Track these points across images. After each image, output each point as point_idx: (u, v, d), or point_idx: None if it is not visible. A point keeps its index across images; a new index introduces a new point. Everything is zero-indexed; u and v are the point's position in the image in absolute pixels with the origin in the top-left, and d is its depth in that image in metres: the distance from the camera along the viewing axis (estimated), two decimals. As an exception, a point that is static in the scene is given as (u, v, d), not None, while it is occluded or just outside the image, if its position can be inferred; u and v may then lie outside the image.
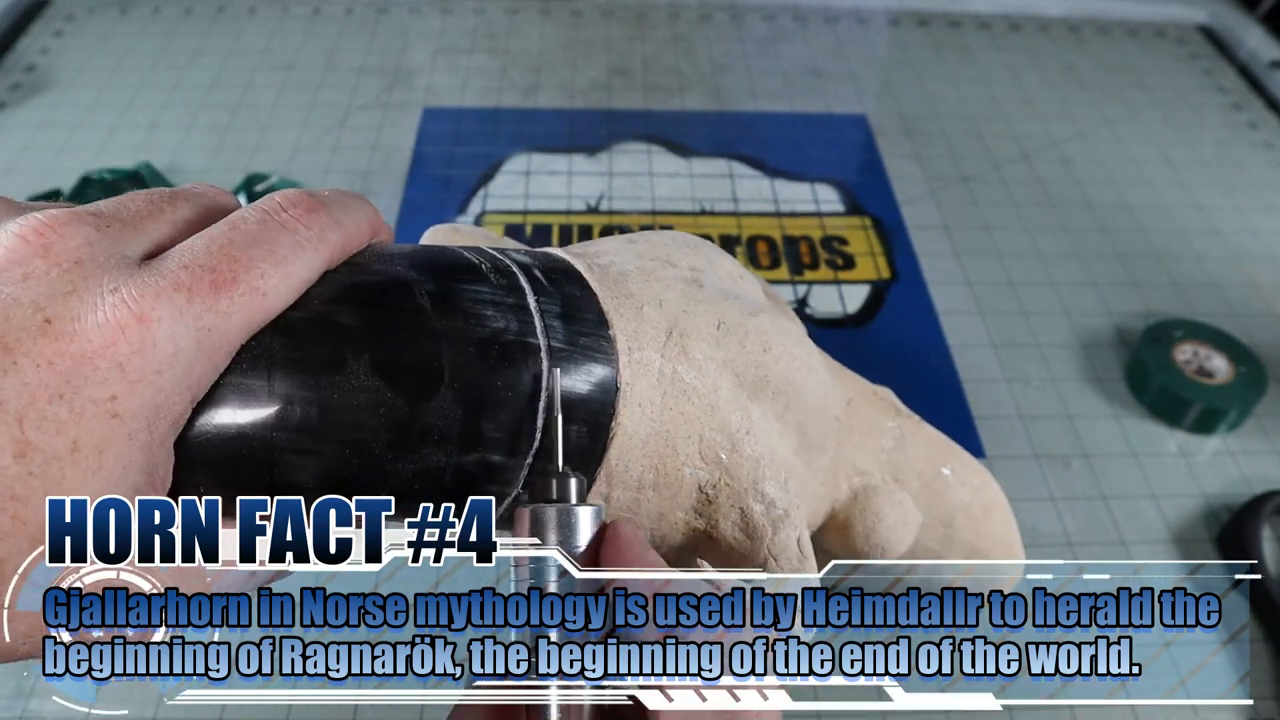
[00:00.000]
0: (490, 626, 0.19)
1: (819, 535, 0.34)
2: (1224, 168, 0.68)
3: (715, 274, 0.29)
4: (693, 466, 0.26)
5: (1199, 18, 0.85)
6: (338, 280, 0.22)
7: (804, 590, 0.21)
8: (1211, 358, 0.51)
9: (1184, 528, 0.46)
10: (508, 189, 0.63)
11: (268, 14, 0.79)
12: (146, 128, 0.66)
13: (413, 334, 0.22)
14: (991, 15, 0.83)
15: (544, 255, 0.27)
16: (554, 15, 0.81)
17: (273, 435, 0.20)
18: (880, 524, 0.32)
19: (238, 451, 0.20)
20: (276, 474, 0.21)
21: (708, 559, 0.27)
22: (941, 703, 0.23)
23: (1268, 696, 0.40)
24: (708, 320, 0.27)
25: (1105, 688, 0.40)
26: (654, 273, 0.27)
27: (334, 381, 0.21)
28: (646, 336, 0.26)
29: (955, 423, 0.50)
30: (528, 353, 0.23)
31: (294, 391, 0.20)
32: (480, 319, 0.23)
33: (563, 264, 0.26)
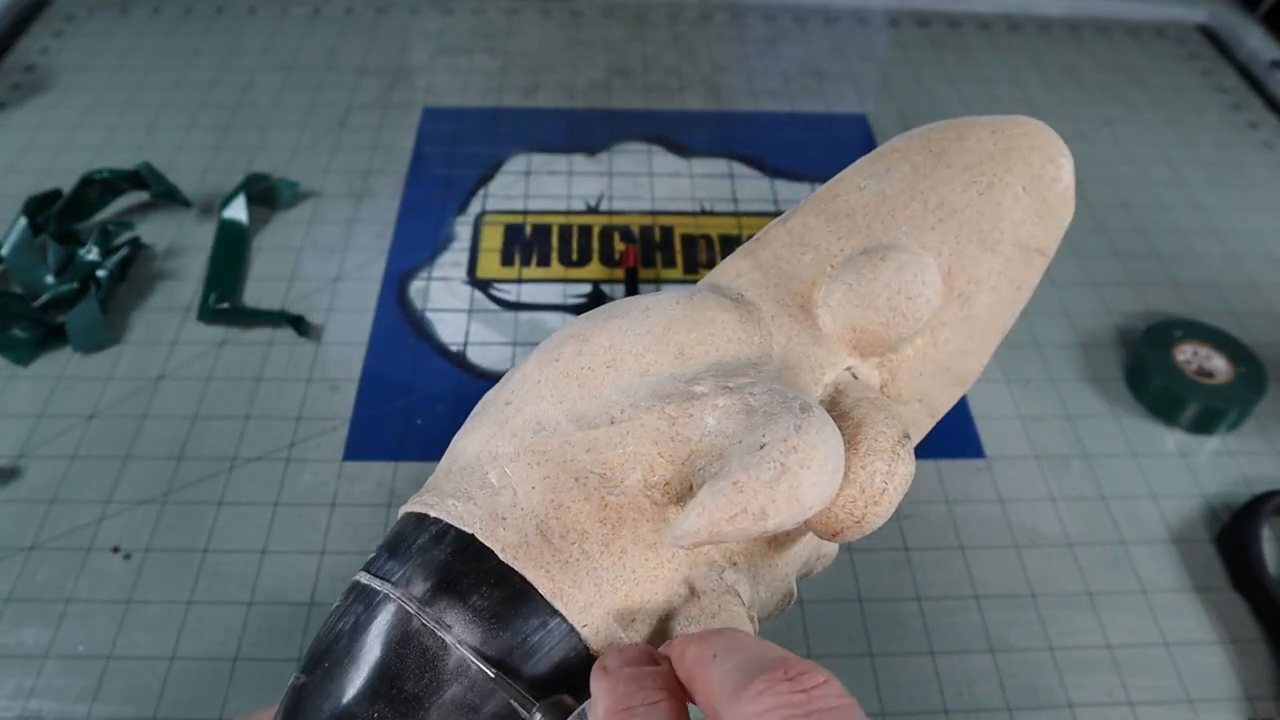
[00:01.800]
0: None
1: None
2: (1224, 168, 0.68)
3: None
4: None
5: (1199, 18, 0.85)
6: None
7: None
8: (1211, 358, 0.51)
9: (1184, 528, 0.46)
10: (508, 189, 0.63)
11: (268, 14, 0.79)
12: (146, 128, 0.66)
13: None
14: (991, 15, 0.83)
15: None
16: (554, 15, 0.81)
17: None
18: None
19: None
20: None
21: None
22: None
23: (1267, 696, 0.40)
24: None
25: (1105, 688, 0.40)
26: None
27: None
28: (589, 591, 0.24)
29: (955, 423, 0.50)
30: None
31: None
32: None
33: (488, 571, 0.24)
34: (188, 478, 0.46)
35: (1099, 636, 0.42)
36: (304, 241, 0.59)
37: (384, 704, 0.22)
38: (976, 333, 0.29)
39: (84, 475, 0.46)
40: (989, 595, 0.43)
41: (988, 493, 0.47)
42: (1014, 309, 0.29)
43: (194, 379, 0.50)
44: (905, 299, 0.27)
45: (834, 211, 0.30)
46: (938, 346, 0.29)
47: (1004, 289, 0.29)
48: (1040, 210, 0.28)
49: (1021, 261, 0.29)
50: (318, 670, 0.23)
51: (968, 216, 0.28)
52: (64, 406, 0.49)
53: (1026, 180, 0.28)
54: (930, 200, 0.29)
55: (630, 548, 0.24)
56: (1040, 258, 0.29)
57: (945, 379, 0.29)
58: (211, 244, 0.57)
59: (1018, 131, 0.28)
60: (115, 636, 0.40)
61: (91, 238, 0.56)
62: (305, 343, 0.53)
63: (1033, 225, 0.28)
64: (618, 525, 0.24)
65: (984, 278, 0.28)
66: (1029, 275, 0.29)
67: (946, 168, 0.29)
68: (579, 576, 0.23)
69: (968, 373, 0.30)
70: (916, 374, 0.29)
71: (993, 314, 0.29)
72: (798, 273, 0.29)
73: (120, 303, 0.54)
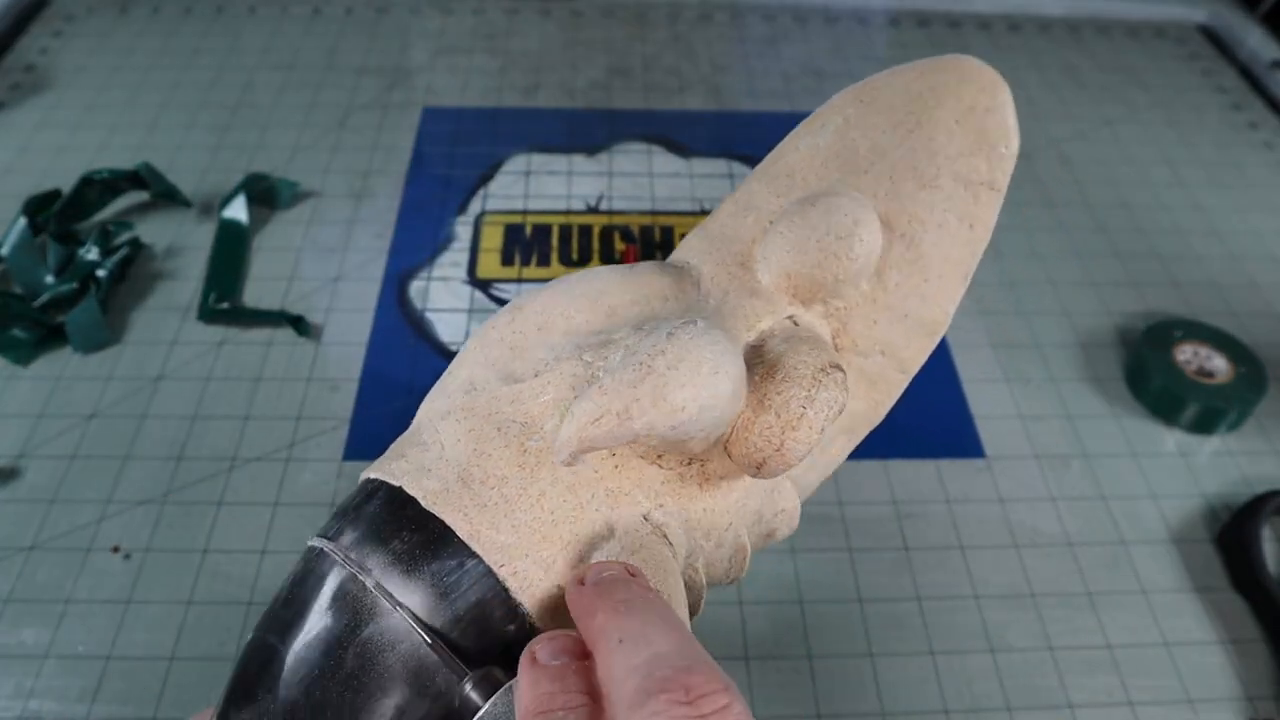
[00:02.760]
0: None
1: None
2: (1224, 168, 0.68)
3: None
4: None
5: (1199, 18, 0.85)
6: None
7: None
8: (1211, 358, 0.51)
9: (1184, 528, 0.46)
10: (508, 189, 0.63)
11: (268, 14, 0.79)
12: (146, 128, 0.66)
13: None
14: (991, 15, 0.83)
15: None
16: (554, 15, 0.81)
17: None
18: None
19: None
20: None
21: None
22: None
23: (1267, 696, 0.40)
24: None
25: (1105, 688, 0.40)
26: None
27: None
28: (506, 531, 0.24)
29: (955, 423, 0.50)
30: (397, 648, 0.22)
31: None
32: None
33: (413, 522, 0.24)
34: (187, 478, 0.46)
35: (1099, 636, 0.42)
36: (304, 241, 0.59)
37: (310, 647, 0.22)
38: (931, 275, 0.28)
39: (84, 475, 0.46)
40: (989, 595, 0.43)
41: (988, 493, 0.47)
42: (972, 248, 0.29)
43: (194, 379, 0.50)
44: (835, 239, 0.27)
45: (774, 174, 0.30)
46: (887, 291, 0.28)
47: (952, 226, 0.28)
48: (977, 143, 0.28)
49: (968, 197, 0.28)
50: (262, 623, 0.24)
51: (900, 156, 0.28)
52: (64, 406, 0.49)
53: (958, 114, 0.28)
54: (862, 147, 0.29)
55: (549, 490, 0.24)
56: (989, 191, 0.28)
57: (906, 327, 0.29)
58: (211, 244, 0.57)
59: (945, 68, 0.28)
60: (115, 636, 0.40)
61: (91, 238, 0.56)
62: (305, 343, 0.53)
63: (972, 158, 0.28)
64: (536, 469, 0.24)
65: (926, 216, 0.28)
66: (981, 211, 0.28)
67: (876, 114, 0.29)
68: (497, 519, 0.24)
69: (931, 321, 0.29)
70: (870, 322, 0.29)
71: (945, 254, 0.28)
72: (739, 235, 0.29)
73: (120, 303, 0.54)
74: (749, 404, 0.24)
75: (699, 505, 0.26)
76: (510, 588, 0.23)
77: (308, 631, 0.23)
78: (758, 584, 0.43)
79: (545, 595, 0.24)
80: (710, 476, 0.26)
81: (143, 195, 0.61)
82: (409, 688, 0.22)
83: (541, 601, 0.24)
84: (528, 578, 0.23)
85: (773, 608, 0.42)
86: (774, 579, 0.43)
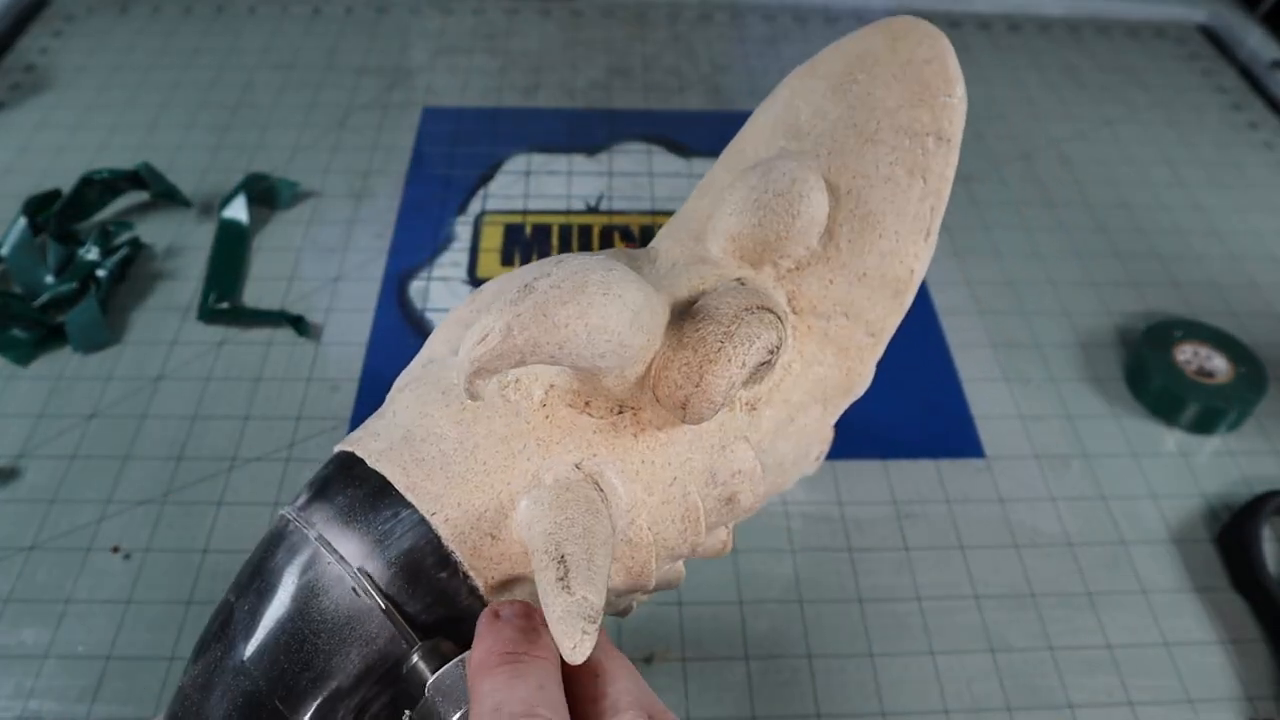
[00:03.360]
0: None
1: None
2: (1224, 168, 0.68)
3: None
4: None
5: (1199, 18, 0.85)
6: None
7: None
8: (1211, 358, 0.51)
9: (1184, 528, 0.46)
10: (508, 189, 0.63)
11: (268, 14, 0.79)
12: (146, 128, 0.66)
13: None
14: (991, 15, 0.83)
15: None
16: (554, 15, 0.81)
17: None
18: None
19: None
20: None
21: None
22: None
23: (1267, 696, 0.40)
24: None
25: (1105, 688, 0.40)
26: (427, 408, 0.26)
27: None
28: (439, 484, 0.25)
29: (955, 423, 0.50)
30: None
31: None
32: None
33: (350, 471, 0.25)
34: (187, 478, 0.46)
35: (1099, 636, 0.42)
36: (304, 241, 0.59)
37: (258, 596, 0.24)
38: (885, 230, 0.28)
39: (84, 475, 0.46)
40: (989, 595, 0.43)
41: (988, 493, 0.47)
42: (927, 201, 0.28)
43: (194, 379, 0.50)
44: (773, 195, 0.27)
45: (731, 154, 0.31)
46: (840, 250, 0.28)
47: (901, 180, 0.28)
48: (919, 94, 0.28)
49: (914, 149, 0.28)
50: (230, 586, 0.25)
51: (840, 114, 0.28)
52: (64, 406, 0.49)
53: (895, 68, 0.28)
54: (804, 113, 0.29)
55: (483, 442, 0.25)
56: (938, 141, 0.28)
57: (867, 287, 0.28)
58: (211, 244, 0.57)
59: (882, 28, 0.29)
60: (115, 636, 0.40)
61: (91, 238, 0.56)
62: (305, 343, 0.53)
63: (914, 110, 0.28)
64: (472, 424, 0.25)
65: (871, 171, 0.28)
66: (932, 162, 0.28)
67: (818, 80, 0.29)
68: (432, 471, 0.24)
69: (895, 278, 0.29)
70: (825, 283, 0.28)
71: (898, 208, 0.28)
72: (697, 214, 0.30)
73: (120, 303, 0.54)
74: (670, 344, 0.24)
75: (635, 456, 0.25)
76: (442, 535, 0.24)
77: (257, 585, 0.24)
78: (758, 584, 0.43)
79: (477, 543, 0.24)
80: (645, 426, 0.25)
81: (143, 195, 0.61)
82: (343, 632, 0.23)
83: (474, 550, 0.24)
84: (459, 526, 0.24)
85: (773, 607, 0.42)
86: (774, 579, 0.43)
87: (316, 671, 0.23)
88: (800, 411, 0.29)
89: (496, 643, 0.21)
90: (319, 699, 0.23)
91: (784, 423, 0.28)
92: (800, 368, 0.28)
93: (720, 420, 0.26)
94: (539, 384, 0.25)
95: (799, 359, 0.28)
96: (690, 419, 0.24)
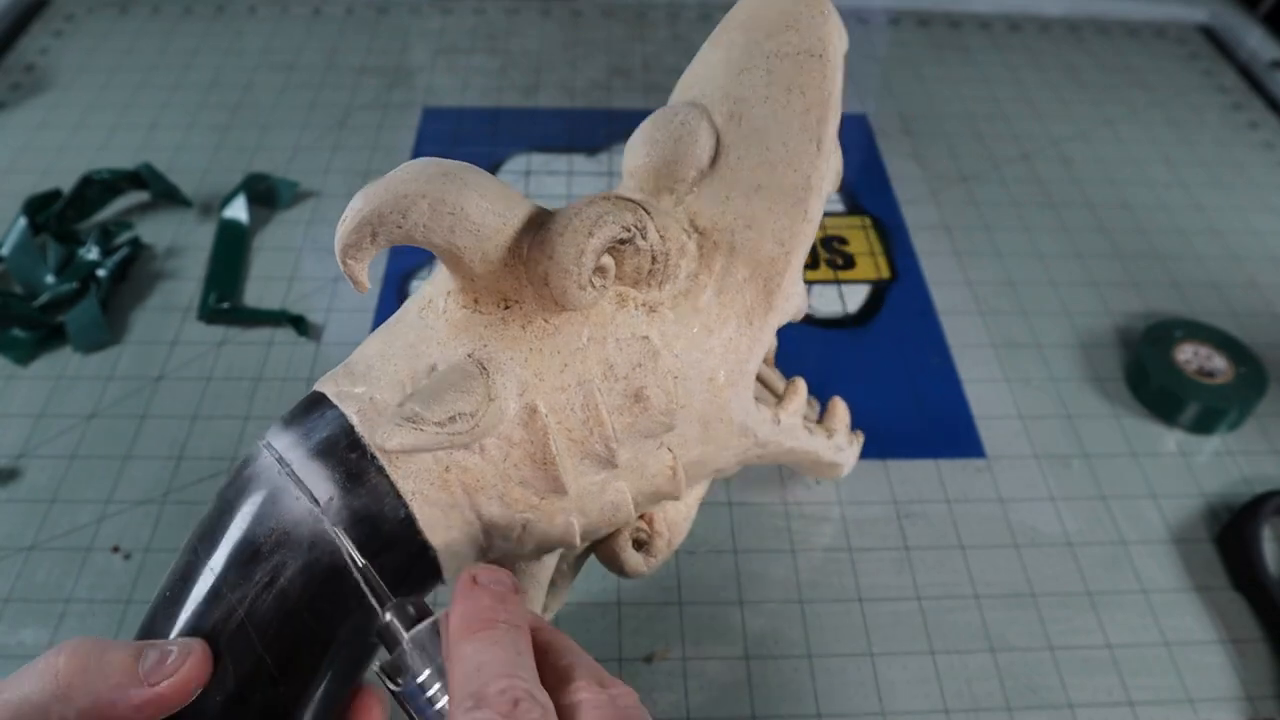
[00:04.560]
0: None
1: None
2: (1224, 168, 0.68)
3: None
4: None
5: (1199, 18, 0.85)
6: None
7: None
8: (1211, 358, 0.51)
9: (1184, 528, 0.46)
10: (508, 189, 0.63)
11: (268, 14, 0.79)
12: (146, 128, 0.66)
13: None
14: (991, 15, 0.83)
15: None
16: (554, 15, 0.81)
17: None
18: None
19: None
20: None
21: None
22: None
23: (1267, 696, 0.40)
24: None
25: (1105, 688, 0.40)
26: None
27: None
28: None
29: (955, 423, 0.50)
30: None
31: None
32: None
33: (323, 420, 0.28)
34: (188, 478, 0.46)
35: (1099, 636, 0.42)
36: (304, 241, 0.59)
37: (214, 507, 0.27)
38: (771, 144, 0.30)
39: (84, 475, 0.46)
40: (989, 595, 0.43)
41: (988, 493, 0.47)
42: (812, 113, 0.30)
43: (194, 379, 0.50)
44: (653, 127, 0.31)
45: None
46: (732, 168, 0.30)
47: (779, 97, 0.30)
48: (783, 18, 0.30)
49: (789, 68, 0.30)
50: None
51: (716, 58, 0.31)
52: (64, 406, 0.49)
53: (771, 13, 0.31)
54: (695, 69, 0.32)
55: (398, 351, 0.28)
56: (812, 59, 0.30)
57: (766, 198, 0.30)
58: (211, 244, 0.57)
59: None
60: (115, 636, 0.40)
61: (91, 237, 0.56)
62: (305, 343, 0.53)
63: (784, 34, 0.30)
64: (391, 340, 0.29)
65: (749, 94, 0.30)
66: (806, 77, 0.30)
67: (708, 46, 0.32)
68: (356, 381, 0.28)
69: (791, 186, 0.30)
70: (722, 198, 0.30)
71: (782, 121, 0.30)
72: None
73: (120, 302, 0.54)
74: (537, 236, 0.27)
75: (523, 345, 0.28)
76: (354, 423, 0.27)
77: (217, 502, 0.28)
78: (758, 584, 0.43)
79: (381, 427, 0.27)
80: (531, 318, 0.28)
81: (143, 195, 0.61)
82: (268, 505, 0.26)
83: (391, 458, 0.27)
84: (368, 414, 0.27)
85: (773, 607, 0.42)
86: (774, 579, 0.43)
87: (228, 513, 0.27)
88: (718, 323, 0.30)
89: (476, 608, 0.23)
90: (231, 545, 0.26)
91: (699, 333, 0.30)
92: (710, 280, 0.30)
93: (612, 316, 0.28)
94: (442, 296, 0.28)
95: (707, 272, 0.30)
96: (558, 296, 0.26)
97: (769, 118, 0.30)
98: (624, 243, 0.27)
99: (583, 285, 0.26)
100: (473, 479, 0.27)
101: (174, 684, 0.23)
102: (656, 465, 0.31)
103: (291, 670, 0.25)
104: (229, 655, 0.25)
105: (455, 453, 0.27)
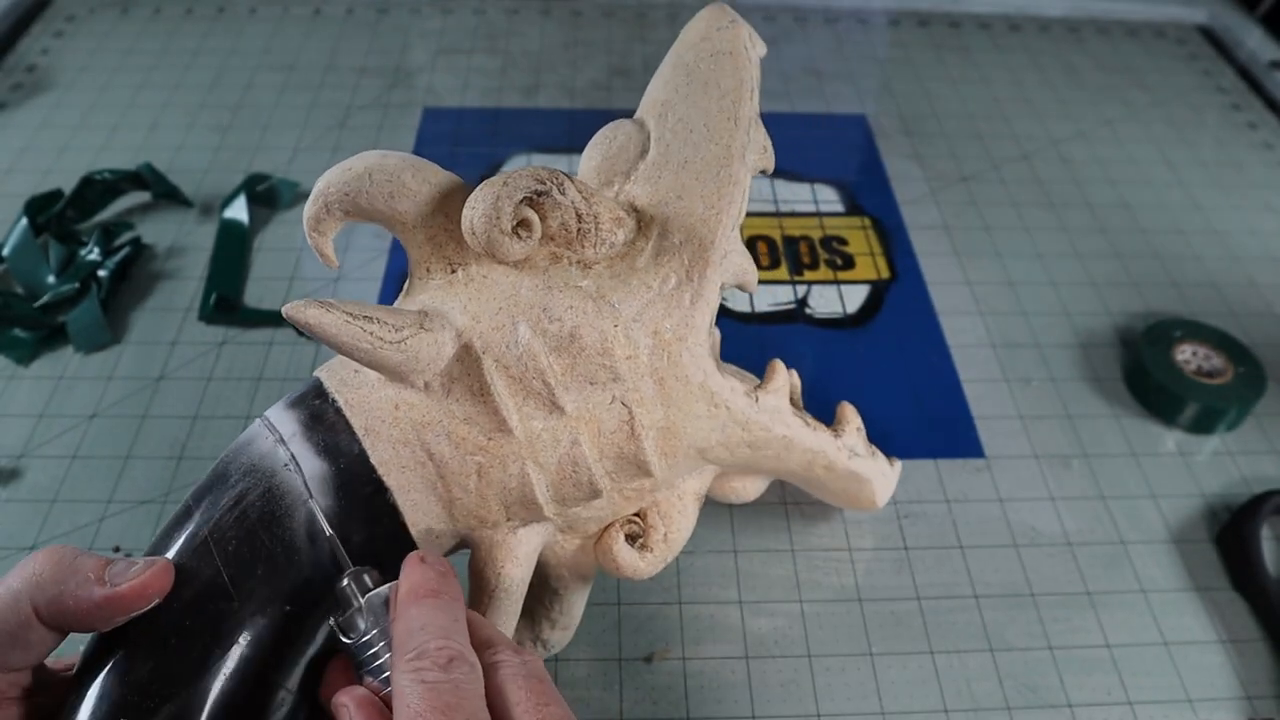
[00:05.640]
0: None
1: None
2: (1224, 168, 0.68)
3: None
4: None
5: (1199, 18, 0.85)
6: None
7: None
8: (1211, 358, 0.51)
9: (1183, 528, 0.46)
10: (508, 189, 0.63)
11: (268, 14, 0.79)
12: (147, 128, 0.66)
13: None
14: (991, 15, 0.84)
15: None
16: (554, 15, 0.81)
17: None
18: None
19: None
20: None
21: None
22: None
23: (1267, 696, 0.40)
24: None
25: (1105, 688, 0.40)
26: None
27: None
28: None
29: (955, 423, 0.50)
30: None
31: None
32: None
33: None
34: (188, 478, 0.46)
35: (1099, 636, 0.42)
36: (304, 241, 0.59)
37: (206, 479, 0.30)
38: (695, 125, 0.34)
39: (84, 475, 0.46)
40: (989, 595, 0.43)
41: (988, 493, 0.47)
42: (726, 98, 0.34)
43: (194, 379, 0.50)
44: (602, 137, 0.36)
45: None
46: (660, 153, 0.34)
47: (698, 93, 0.34)
48: (698, 35, 0.35)
49: (706, 67, 0.34)
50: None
51: (651, 84, 0.37)
52: (64, 406, 0.49)
53: (692, 36, 0.36)
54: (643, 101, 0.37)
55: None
56: (723, 56, 0.34)
57: (692, 171, 0.33)
58: (212, 244, 0.58)
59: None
60: (116, 636, 0.40)
61: (93, 238, 0.56)
62: (305, 343, 0.53)
63: (700, 45, 0.35)
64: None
65: (673, 95, 0.35)
66: (721, 71, 0.34)
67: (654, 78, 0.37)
68: (345, 362, 0.31)
69: (713, 158, 0.33)
70: (655, 178, 0.33)
71: (701, 108, 0.34)
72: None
73: (121, 303, 0.54)
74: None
75: (466, 295, 0.31)
76: (323, 378, 0.31)
77: (217, 467, 0.30)
78: (758, 584, 0.43)
79: (348, 389, 0.30)
80: (474, 277, 0.31)
81: (144, 195, 0.61)
82: (242, 446, 0.30)
83: (348, 399, 0.30)
84: (334, 370, 0.31)
85: (773, 607, 0.42)
86: (774, 579, 0.43)
87: (221, 481, 0.29)
88: (657, 280, 0.32)
89: (423, 579, 0.26)
90: (209, 482, 0.29)
91: (637, 286, 0.31)
92: (646, 245, 0.32)
93: (546, 269, 0.31)
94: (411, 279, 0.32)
95: (644, 239, 0.32)
96: (485, 244, 0.29)
97: (691, 108, 0.34)
98: (541, 194, 0.30)
99: (504, 230, 0.29)
100: (420, 415, 0.30)
101: (133, 586, 0.26)
102: (613, 420, 0.31)
103: (244, 589, 0.27)
104: (190, 569, 0.27)
105: (403, 390, 0.30)
